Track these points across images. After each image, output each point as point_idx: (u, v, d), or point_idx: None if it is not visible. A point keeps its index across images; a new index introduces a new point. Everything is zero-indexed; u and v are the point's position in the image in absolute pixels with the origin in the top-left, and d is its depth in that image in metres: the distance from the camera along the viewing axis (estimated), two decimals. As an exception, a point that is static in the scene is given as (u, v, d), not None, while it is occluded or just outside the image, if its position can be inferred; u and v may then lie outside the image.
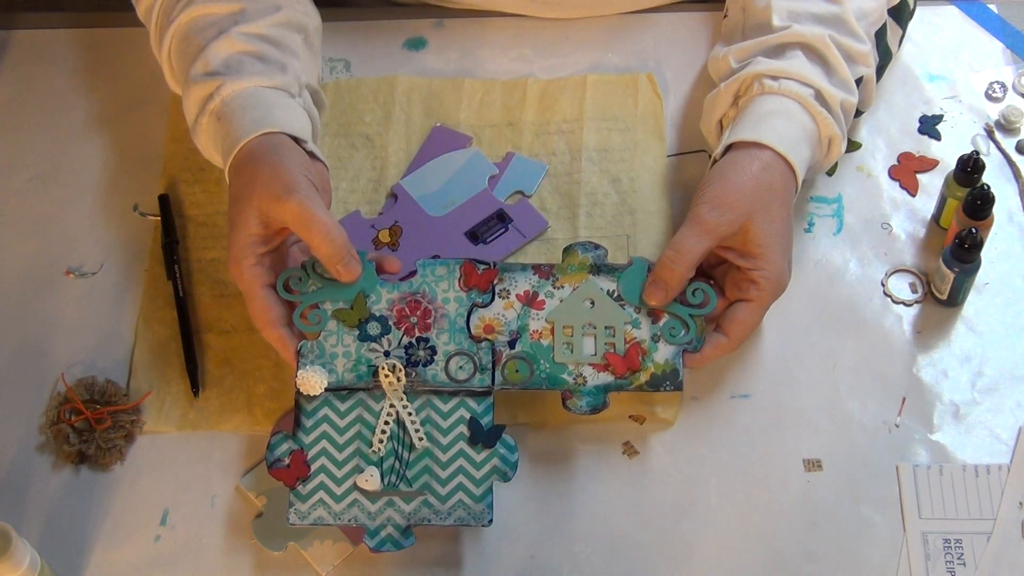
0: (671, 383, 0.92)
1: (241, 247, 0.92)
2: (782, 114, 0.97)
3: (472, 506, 0.89)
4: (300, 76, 1.02)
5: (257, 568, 0.93)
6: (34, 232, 1.09)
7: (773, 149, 0.95)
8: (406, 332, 0.93)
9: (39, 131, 1.15)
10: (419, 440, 0.91)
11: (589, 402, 0.92)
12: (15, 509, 0.95)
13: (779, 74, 0.98)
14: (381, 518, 0.90)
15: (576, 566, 0.92)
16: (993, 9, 1.18)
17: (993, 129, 1.11)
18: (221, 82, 0.98)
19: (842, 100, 0.99)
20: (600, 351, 0.93)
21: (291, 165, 0.93)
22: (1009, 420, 0.97)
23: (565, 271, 0.95)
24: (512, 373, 0.93)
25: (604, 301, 0.94)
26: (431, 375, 0.92)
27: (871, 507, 0.94)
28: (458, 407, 0.92)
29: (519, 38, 1.18)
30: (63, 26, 1.21)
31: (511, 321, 0.94)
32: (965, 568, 0.91)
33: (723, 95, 1.02)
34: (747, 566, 0.92)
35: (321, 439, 0.92)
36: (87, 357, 1.02)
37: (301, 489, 0.90)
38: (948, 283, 1.00)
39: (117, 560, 0.94)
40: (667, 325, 0.93)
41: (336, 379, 0.92)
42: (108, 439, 0.97)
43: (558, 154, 1.10)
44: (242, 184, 0.94)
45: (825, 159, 1.02)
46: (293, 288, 0.94)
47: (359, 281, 0.94)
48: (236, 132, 0.96)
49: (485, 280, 0.95)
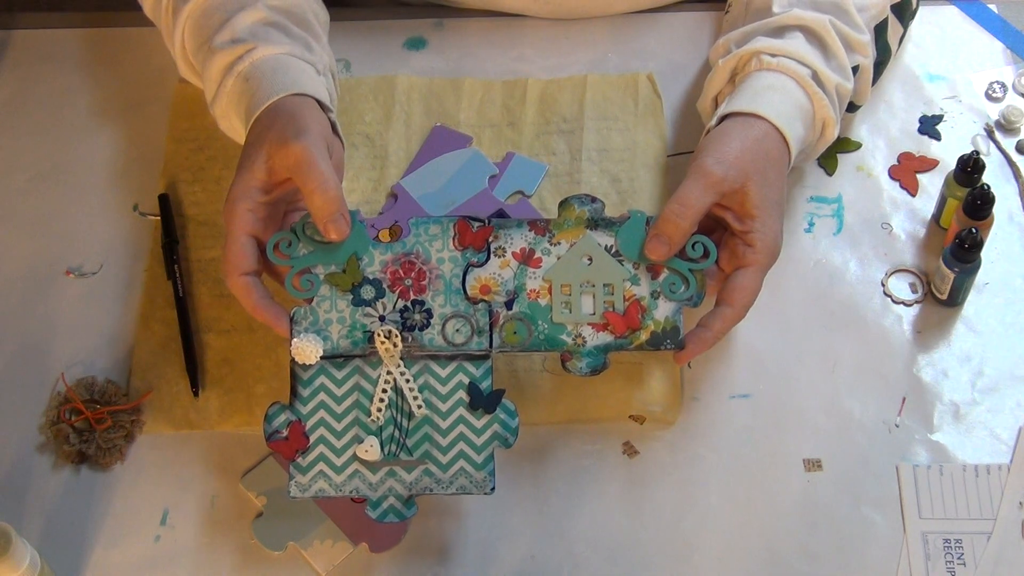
0: (672, 341, 0.91)
1: (241, 189, 0.91)
2: (778, 89, 0.97)
3: (474, 474, 0.88)
4: (323, 58, 1.02)
5: (257, 568, 0.93)
6: (34, 232, 1.09)
7: (769, 121, 0.95)
8: (401, 295, 0.91)
9: (39, 131, 1.15)
10: (418, 408, 0.90)
11: (589, 363, 0.91)
12: (15, 509, 0.95)
13: (777, 52, 0.99)
14: (383, 488, 0.88)
15: (576, 566, 0.92)
16: (993, 9, 1.18)
17: (993, 129, 1.11)
18: (253, 45, 0.98)
19: (837, 84, 1.00)
20: (599, 310, 0.91)
21: (309, 119, 0.92)
22: (1009, 420, 0.97)
23: (561, 226, 0.93)
24: (510, 335, 0.91)
25: (602, 257, 0.92)
26: (428, 339, 0.91)
27: (871, 507, 0.94)
28: (456, 372, 0.90)
29: (519, 38, 1.18)
30: (63, 26, 1.21)
31: (507, 281, 0.92)
32: (965, 568, 0.91)
33: (720, 71, 1.02)
34: (747, 566, 0.92)
35: (319, 409, 0.90)
36: (87, 357, 1.02)
37: (301, 461, 0.89)
38: (948, 283, 1.00)
39: (117, 560, 0.94)
40: (667, 281, 0.91)
41: (331, 346, 0.91)
42: (108, 439, 0.97)
43: (558, 154, 1.10)
44: (256, 133, 0.93)
45: (818, 142, 1.02)
46: (283, 252, 0.91)
47: (350, 243, 0.91)
48: (264, 91, 0.95)
49: (480, 238, 0.93)
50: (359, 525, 0.94)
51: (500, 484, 0.95)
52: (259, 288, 0.91)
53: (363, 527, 0.94)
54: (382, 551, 0.93)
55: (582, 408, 0.98)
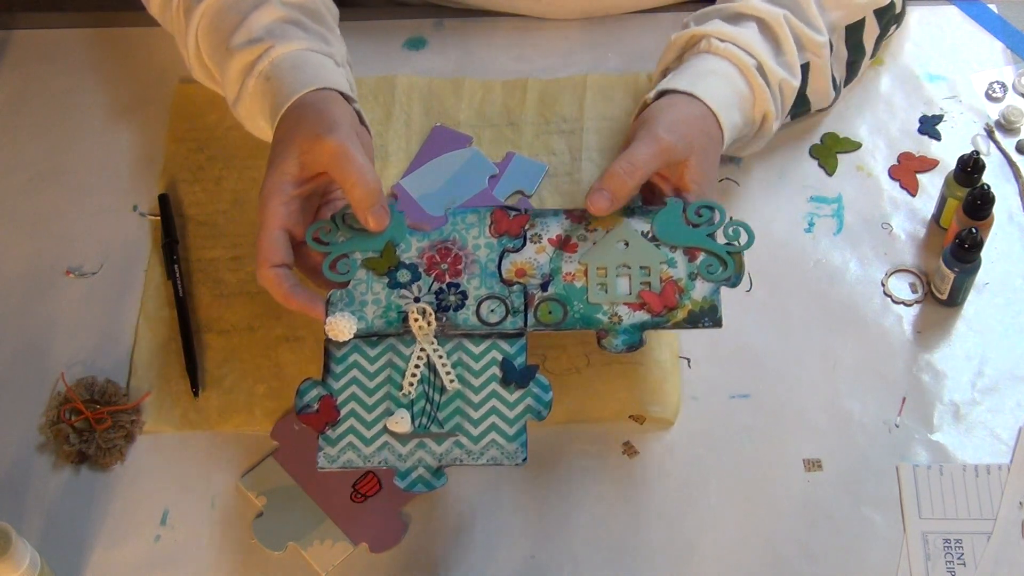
0: (710, 319, 0.90)
1: (274, 184, 0.92)
2: (721, 75, 0.98)
3: (505, 445, 0.87)
4: (340, 50, 1.03)
5: (257, 568, 0.93)
6: (34, 232, 1.09)
7: (705, 104, 0.96)
8: (436, 278, 0.92)
9: (39, 131, 1.15)
10: (450, 382, 0.89)
11: (625, 340, 0.90)
12: (15, 509, 0.95)
13: (727, 38, 1.00)
14: (412, 460, 0.87)
15: (576, 566, 0.92)
16: (993, 9, 1.18)
17: (993, 129, 1.11)
18: (271, 44, 0.98)
19: (782, 80, 1.01)
20: (635, 290, 0.91)
21: (338, 112, 0.94)
22: (1009, 420, 0.97)
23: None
24: (545, 314, 0.91)
25: (639, 241, 0.93)
26: (462, 319, 0.91)
27: (871, 507, 0.94)
28: (490, 349, 0.90)
29: (519, 38, 1.18)
30: (63, 26, 1.21)
31: (543, 264, 0.93)
32: (965, 568, 0.91)
33: (671, 46, 1.03)
34: (747, 566, 0.92)
35: (351, 384, 0.90)
36: (87, 357, 1.02)
37: (330, 434, 0.88)
38: (948, 283, 1.00)
39: (117, 560, 0.94)
40: (704, 263, 0.91)
41: (366, 325, 0.91)
42: (108, 439, 0.97)
43: (558, 154, 1.10)
44: (286, 128, 0.94)
45: (756, 135, 1.03)
46: (323, 239, 0.93)
47: (388, 231, 0.93)
48: (288, 88, 0.96)
49: (516, 225, 0.94)
50: (359, 525, 0.94)
51: (500, 484, 0.95)
52: (290, 278, 0.92)
53: (363, 527, 0.94)
54: (382, 551, 0.93)
55: (582, 408, 0.98)
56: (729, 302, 1.02)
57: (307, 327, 1.02)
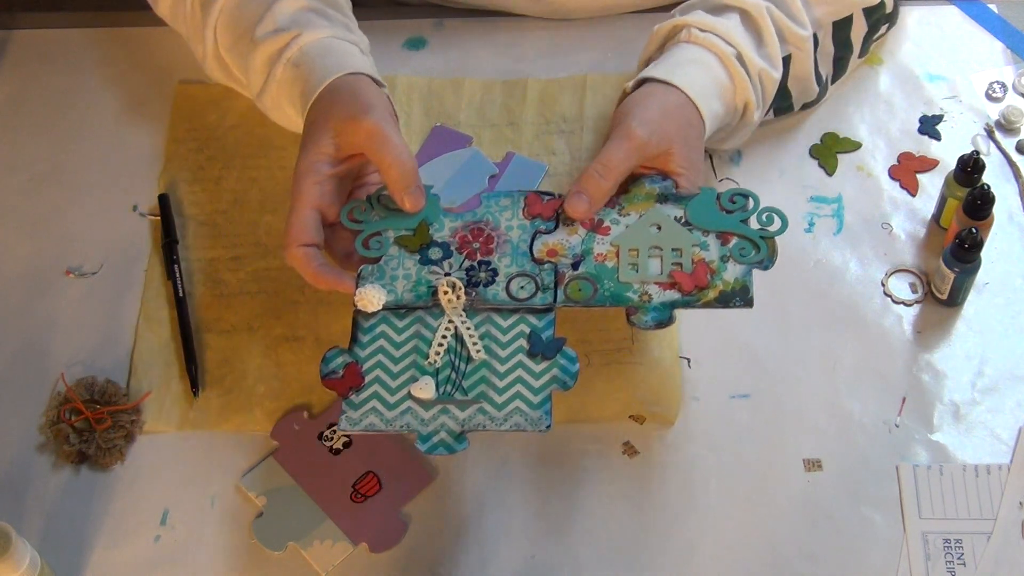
0: (741, 299, 0.89)
1: (308, 163, 0.92)
2: (700, 63, 0.98)
3: (529, 412, 0.87)
4: (363, 38, 1.04)
5: (257, 568, 0.93)
6: (34, 232, 1.09)
7: (684, 92, 0.96)
8: (468, 256, 0.93)
9: (39, 131, 1.15)
10: (476, 352, 0.89)
11: (655, 316, 0.89)
12: (15, 509, 0.95)
13: (708, 28, 1.00)
14: (434, 424, 0.87)
15: (576, 566, 0.92)
16: (993, 9, 1.18)
17: (993, 129, 1.11)
18: (298, 32, 0.99)
19: (761, 70, 1.01)
20: (666, 271, 0.91)
21: (372, 95, 0.94)
22: (1009, 420, 0.97)
23: (631, 200, 0.94)
24: (575, 292, 0.91)
25: (671, 225, 0.93)
26: (491, 294, 0.91)
27: (871, 507, 0.94)
28: (518, 323, 0.90)
29: (519, 38, 1.18)
30: (63, 26, 1.21)
31: (575, 245, 0.93)
32: (965, 568, 0.91)
33: (654, 37, 1.04)
34: (747, 566, 0.92)
35: (377, 353, 0.90)
36: (87, 357, 1.02)
37: (354, 398, 0.88)
38: (948, 283, 1.00)
39: (117, 560, 0.94)
40: (737, 246, 0.91)
41: (395, 298, 0.91)
42: (108, 439, 0.97)
43: (558, 154, 1.10)
44: (319, 111, 0.94)
45: (738, 125, 1.03)
46: (357, 218, 0.94)
47: (423, 212, 0.94)
48: (320, 73, 0.96)
49: (549, 208, 0.95)
50: (359, 525, 0.94)
51: (500, 484, 0.95)
52: (318, 257, 0.92)
53: (363, 527, 0.94)
54: (382, 551, 0.93)
55: (582, 408, 0.98)
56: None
57: (307, 327, 1.02)
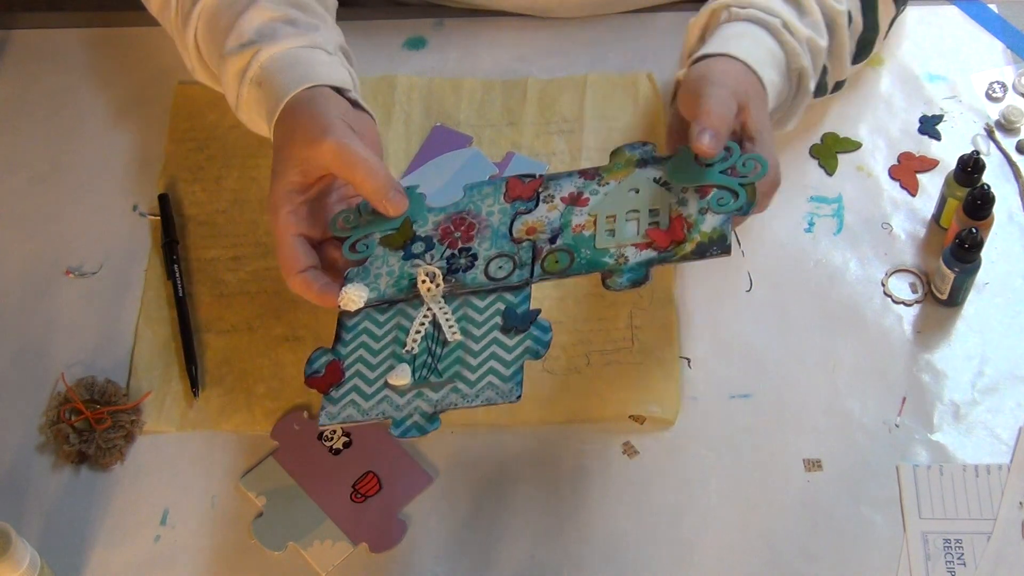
0: (719, 248, 0.87)
1: (279, 195, 0.92)
2: (749, 36, 0.97)
3: (500, 385, 0.86)
4: (332, 37, 1.03)
5: (257, 568, 0.93)
6: (34, 232, 1.09)
7: (743, 61, 0.95)
8: (449, 246, 0.93)
9: (39, 131, 1.15)
10: (452, 334, 0.89)
11: (629, 277, 0.87)
12: (15, 509, 0.95)
13: (748, 4, 0.99)
14: (409, 408, 0.87)
15: (576, 566, 0.92)
16: (993, 9, 1.18)
17: (993, 129, 1.11)
18: (257, 49, 0.98)
19: (809, 37, 0.99)
20: (643, 231, 0.89)
21: (327, 110, 0.94)
22: (1009, 420, 0.97)
23: (611, 170, 0.94)
24: (552, 264, 0.90)
25: (649, 187, 0.91)
26: (470, 278, 0.91)
27: (871, 507, 0.94)
28: (495, 302, 0.90)
29: (519, 38, 1.18)
30: (63, 26, 1.21)
31: (553, 220, 0.92)
32: (965, 568, 0.91)
33: (692, 29, 1.02)
34: (747, 566, 0.92)
35: (359, 348, 0.90)
36: (87, 357, 1.02)
37: (334, 394, 0.89)
38: (948, 283, 1.00)
39: (117, 560, 0.94)
40: (715, 196, 0.89)
41: (378, 295, 0.91)
42: (108, 439, 0.97)
43: (558, 154, 1.10)
44: (282, 135, 0.94)
45: (797, 96, 1.01)
46: (347, 225, 0.94)
47: (407, 211, 0.94)
48: (278, 93, 0.96)
49: (529, 189, 0.94)
50: (359, 525, 0.94)
51: (500, 484, 0.95)
52: (319, 278, 0.92)
53: (363, 527, 0.94)
54: (382, 551, 0.93)
55: (582, 408, 0.98)
56: (729, 302, 1.03)
57: (307, 327, 1.02)
